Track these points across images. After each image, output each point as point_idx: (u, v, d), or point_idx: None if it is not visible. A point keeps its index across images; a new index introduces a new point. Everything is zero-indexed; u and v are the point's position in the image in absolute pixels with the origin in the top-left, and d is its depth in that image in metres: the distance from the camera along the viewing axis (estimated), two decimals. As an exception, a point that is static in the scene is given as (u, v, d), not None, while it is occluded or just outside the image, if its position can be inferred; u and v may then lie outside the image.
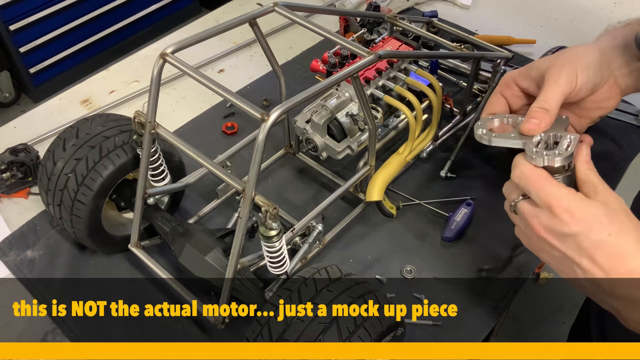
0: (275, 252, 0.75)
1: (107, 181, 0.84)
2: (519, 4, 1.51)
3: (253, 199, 0.69)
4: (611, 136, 1.12)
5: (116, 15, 2.79)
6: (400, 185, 1.05)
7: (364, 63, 0.77)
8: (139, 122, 0.80)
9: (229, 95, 0.71)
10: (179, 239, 0.84)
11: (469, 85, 1.09)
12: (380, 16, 1.10)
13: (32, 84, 2.67)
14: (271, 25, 1.42)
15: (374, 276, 0.91)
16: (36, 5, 2.45)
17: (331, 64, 1.00)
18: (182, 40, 0.77)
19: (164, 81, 1.27)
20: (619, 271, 0.58)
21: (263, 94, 1.23)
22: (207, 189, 1.03)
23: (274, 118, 0.66)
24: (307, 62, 1.13)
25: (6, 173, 1.03)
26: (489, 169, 1.08)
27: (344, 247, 0.96)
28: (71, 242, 0.96)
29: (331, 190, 0.97)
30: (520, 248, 0.95)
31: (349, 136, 0.96)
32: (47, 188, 0.86)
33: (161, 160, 0.86)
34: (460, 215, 0.97)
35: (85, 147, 0.84)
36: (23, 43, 2.50)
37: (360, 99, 0.83)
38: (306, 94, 0.70)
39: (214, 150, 1.04)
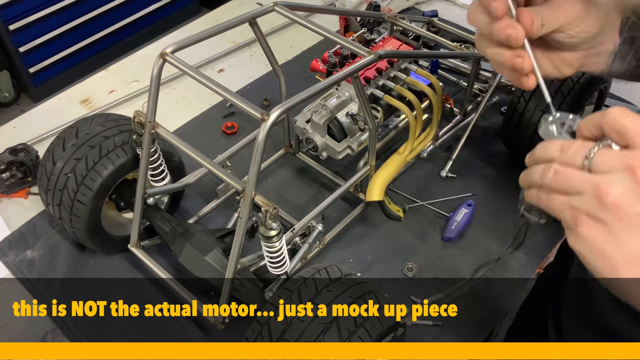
0: (275, 252, 0.75)
1: (107, 181, 0.84)
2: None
3: (253, 199, 0.69)
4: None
5: (116, 15, 2.79)
6: (400, 185, 1.05)
7: (364, 63, 0.77)
8: (139, 122, 0.79)
9: (229, 95, 0.71)
10: (179, 239, 0.84)
11: (469, 85, 1.09)
12: (380, 16, 1.10)
13: (32, 83, 2.67)
14: (271, 25, 1.42)
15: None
16: (36, 4, 2.45)
17: (331, 64, 1.00)
18: (182, 40, 0.77)
19: (164, 81, 1.26)
20: None
21: (263, 94, 1.23)
22: (207, 189, 1.03)
23: (274, 118, 0.66)
24: (307, 62, 1.13)
25: (6, 173, 1.03)
26: (489, 169, 1.08)
27: (344, 247, 0.96)
28: (71, 242, 0.96)
29: (331, 190, 0.96)
30: (522, 249, 0.94)
31: (349, 136, 0.96)
32: (47, 188, 0.86)
33: (161, 160, 0.86)
34: (460, 215, 0.97)
35: (85, 147, 0.84)
36: (23, 43, 2.49)
37: (360, 99, 0.82)
38: (306, 94, 0.70)
39: (214, 150, 1.04)
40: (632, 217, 0.45)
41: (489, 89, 1.12)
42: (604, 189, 0.46)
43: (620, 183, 0.46)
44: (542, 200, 0.52)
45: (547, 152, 0.52)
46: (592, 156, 0.48)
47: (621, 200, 0.45)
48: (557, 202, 0.50)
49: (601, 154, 0.48)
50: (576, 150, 0.49)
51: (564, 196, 0.50)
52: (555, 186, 0.50)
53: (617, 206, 0.46)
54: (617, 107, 0.48)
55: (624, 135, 0.48)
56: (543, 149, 0.52)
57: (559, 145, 0.51)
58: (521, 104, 0.99)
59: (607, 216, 0.46)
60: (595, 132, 0.51)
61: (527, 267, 0.93)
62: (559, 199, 0.50)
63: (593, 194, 0.46)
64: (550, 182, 0.51)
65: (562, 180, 0.49)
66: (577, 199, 0.48)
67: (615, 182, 0.46)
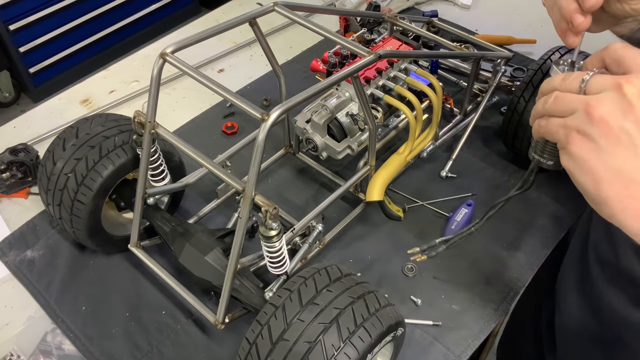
0: (275, 252, 0.75)
1: (107, 181, 0.84)
2: (519, 4, 1.51)
3: (253, 199, 0.69)
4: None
5: (116, 15, 2.79)
6: (400, 185, 1.05)
7: (364, 63, 0.77)
8: (139, 122, 0.79)
9: (229, 95, 0.71)
10: (179, 239, 0.84)
11: (469, 85, 1.09)
12: (380, 16, 1.10)
13: (32, 83, 2.67)
14: (271, 25, 1.42)
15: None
16: (36, 4, 2.45)
17: (331, 64, 1.00)
18: (182, 40, 0.77)
19: (164, 81, 1.27)
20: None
21: (263, 94, 1.23)
22: (207, 189, 1.03)
23: (274, 118, 0.66)
24: (307, 62, 1.13)
25: (6, 173, 1.03)
26: (489, 169, 1.08)
27: (344, 247, 0.96)
28: (71, 242, 0.96)
29: (331, 190, 0.96)
30: (522, 249, 0.94)
31: (349, 136, 0.96)
32: (47, 188, 0.86)
33: (161, 160, 0.86)
34: (460, 215, 0.97)
35: (85, 147, 0.84)
36: (23, 43, 2.50)
37: (360, 99, 0.83)
38: (306, 94, 0.70)
39: (214, 150, 1.04)
40: (618, 132, 0.47)
41: (489, 89, 1.12)
42: (593, 104, 0.48)
43: (608, 99, 0.48)
44: (542, 126, 0.54)
45: (550, 83, 0.55)
46: (588, 79, 0.51)
47: (608, 116, 0.47)
48: (554, 124, 0.53)
49: (595, 77, 0.50)
50: (575, 77, 0.52)
51: (560, 118, 0.52)
52: (554, 110, 0.53)
53: (604, 121, 0.48)
54: (618, 42, 0.52)
55: (622, 63, 0.51)
56: (548, 82, 0.55)
57: (561, 76, 0.54)
58: (521, 104, 0.99)
59: (595, 132, 0.48)
60: (598, 65, 0.54)
61: (526, 267, 0.93)
62: (556, 121, 0.52)
63: (584, 110, 0.49)
64: (550, 107, 0.53)
65: (560, 103, 0.52)
66: (570, 117, 0.51)
67: (604, 99, 0.48)
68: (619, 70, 0.51)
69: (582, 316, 0.82)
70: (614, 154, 0.48)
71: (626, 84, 0.47)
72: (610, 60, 0.52)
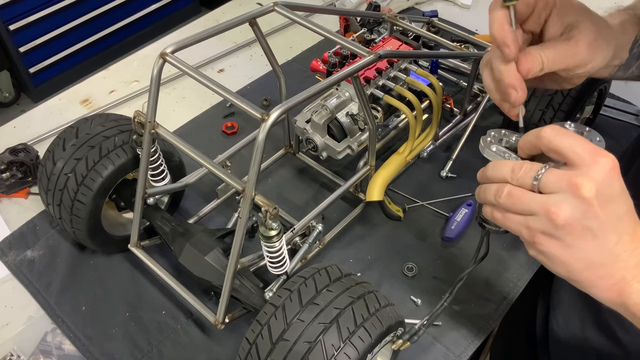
0: (275, 252, 0.75)
1: (107, 181, 0.84)
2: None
3: (253, 199, 0.69)
4: (611, 135, 1.12)
5: (116, 15, 2.79)
6: (400, 185, 1.05)
7: (364, 63, 0.77)
8: (139, 122, 0.79)
9: (229, 95, 0.71)
10: (179, 239, 0.84)
11: (469, 85, 1.09)
12: (380, 16, 1.10)
13: (32, 83, 2.67)
14: (271, 25, 1.42)
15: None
16: (36, 5, 2.45)
17: (331, 64, 1.00)
18: (182, 40, 0.77)
19: (164, 81, 1.27)
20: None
21: (263, 94, 1.23)
22: (207, 189, 1.03)
23: (274, 118, 0.66)
24: (307, 62, 1.13)
25: (6, 173, 1.03)
26: (489, 169, 1.08)
27: (344, 247, 0.96)
28: (71, 242, 0.96)
29: (331, 190, 0.96)
30: (522, 249, 0.94)
31: (349, 136, 0.96)
32: (47, 188, 0.86)
33: (161, 160, 0.86)
34: (460, 215, 0.97)
35: (85, 147, 0.84)
36: (23, 43, 2.50)
37: (360, 99, 0.83)
38: (306, 94, 0.70)
39: (214, 150, 1.04)
40: (582, 230, 0.51)
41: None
42: (554, 211, 0.51)
43: (566, 202, 0.50)
44: (497, 219, 0.57)
45: (499, 173, 0.56)
46: (540, 177, 0.52)
47: (570, 219, 0.50)
48: (513, 221, 0.55)
49: (547, 175, 0.52)
50: (526, 171, 0.53)
51: (519, 216, 0.54)
52: (510, 206, 0.55)
53: (568, 224, 0.51)
54: (549, 127, 0.53)
55: (561, 154, 0.52)
56: (495, 169, 0.57)
57: (510, 166, 0.55)
58: (521, 104, 0.99)
59: (561, 233, 0.51)
60: (534, 151, 0.56)
61: (526, 266, 0.93)
62: (515, 219, 0.55)
63: (545, 215, 0.51)
64: (505, 203, 0.55)
65: (516, 201, 0.54)
66: (532, 219, 0.53)
67: (563, 202, 0.50)
68: (560, 159, 0.53)
69: (577, 316, 0.83)
70: (582, 247, 0.51)
71: (582, 187, 0.49)
72: (547, 149, 0.53)
